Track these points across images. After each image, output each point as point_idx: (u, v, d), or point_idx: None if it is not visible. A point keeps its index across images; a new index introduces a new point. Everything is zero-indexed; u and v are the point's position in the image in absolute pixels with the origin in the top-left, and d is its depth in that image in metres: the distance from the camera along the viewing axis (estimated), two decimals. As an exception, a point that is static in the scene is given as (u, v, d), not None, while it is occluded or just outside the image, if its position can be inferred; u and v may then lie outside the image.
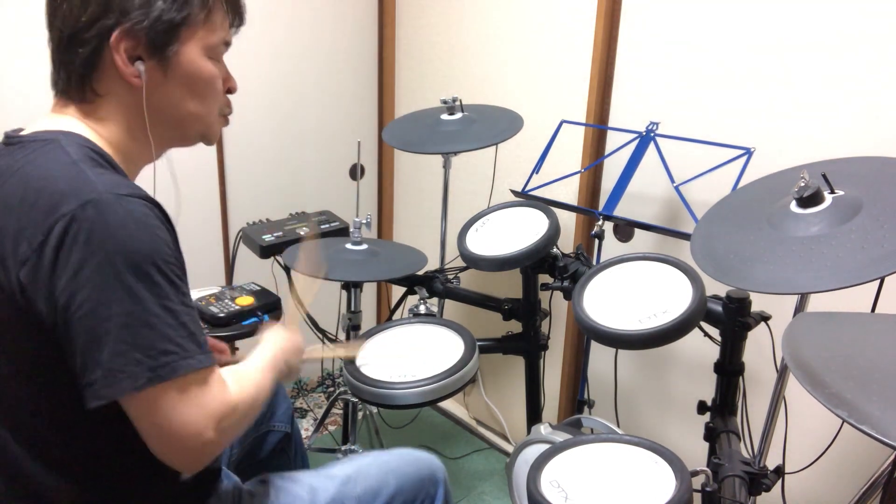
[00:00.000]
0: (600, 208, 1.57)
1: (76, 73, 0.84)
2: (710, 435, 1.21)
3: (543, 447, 1.06)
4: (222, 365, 0.93)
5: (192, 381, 0.79)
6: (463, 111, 1.75)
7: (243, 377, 0.91)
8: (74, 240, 0.73)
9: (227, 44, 0.95)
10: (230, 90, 0.98)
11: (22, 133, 0.87)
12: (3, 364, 0.82)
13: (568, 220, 1.91)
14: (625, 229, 1.54)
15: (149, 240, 0.77)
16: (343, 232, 1.87)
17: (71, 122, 0.86)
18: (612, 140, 1.78)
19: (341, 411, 2.04)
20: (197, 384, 0.80)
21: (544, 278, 1.54)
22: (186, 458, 0.81)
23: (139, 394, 0.75)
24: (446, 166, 1.85)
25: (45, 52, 0.88)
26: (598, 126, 1.78)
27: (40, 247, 0.74)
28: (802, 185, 0.99)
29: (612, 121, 1.78)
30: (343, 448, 1.83)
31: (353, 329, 1.75)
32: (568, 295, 1.35)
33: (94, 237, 0.73)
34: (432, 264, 1.75)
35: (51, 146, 0.82)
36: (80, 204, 0.74)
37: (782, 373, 1.23)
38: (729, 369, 1.21)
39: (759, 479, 1.07)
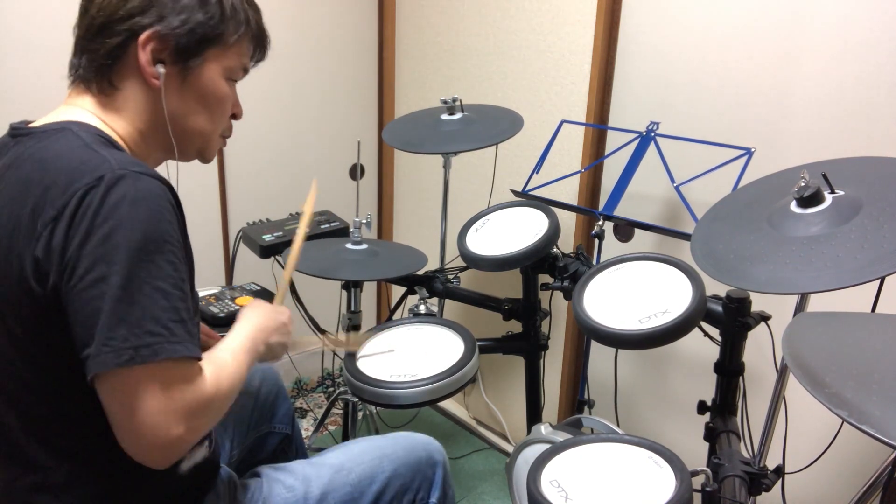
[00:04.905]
0: (600, 208, 1.57)
1: (98, 62, 0.86)
2: (710, 435, 1.21)
3: (543, 447, 1.06)
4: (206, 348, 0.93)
5: (172, 370, 0.77)
6: (463, 111, 1.75)
7: (221, 368, 0.87)
8: (85, 211, 0.74)
9: (246, 71, 0.98)
10: (235, 116, 1.02)
11: (31, 125, 0.88)
12: (10, 348, 0.82)
13: (568, 220, 1.91)
14: (625, 229, 1.54)
15: (156, 219, 0.77)
16: (343, 232, 1.87)
17: (84, 113, 0.87)
18: (612, 140, 1.78)
19: (341, 411, 2.04)
20: (177, 374, 0.78)
21: (544, 278, 1.54)
22: (152, 451, 0.78)
23: (117, 372, 0.74)
24: (446, 166, 1.85)
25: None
26: (598, 126, 1.78)
27: (54, 221, 0.75)
28: (802, 185, 0.99)
29: (612, 121, 1.78)
30: (343, 448, 1.83)
31: (353, 329, 1.75)
32: (568, 295, 1.35)
33: (103, 209, 0.74)
34: (432, 264, 1.75)
35: (62, 134, 0.83)
36: (96, 178, 0.76)
37: (782, 373, 1.23)
38: (729, 369, 1.21)
39: (759, 479, 1.07)
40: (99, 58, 0.86)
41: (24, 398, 0.84)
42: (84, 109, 0.88)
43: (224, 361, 0.89)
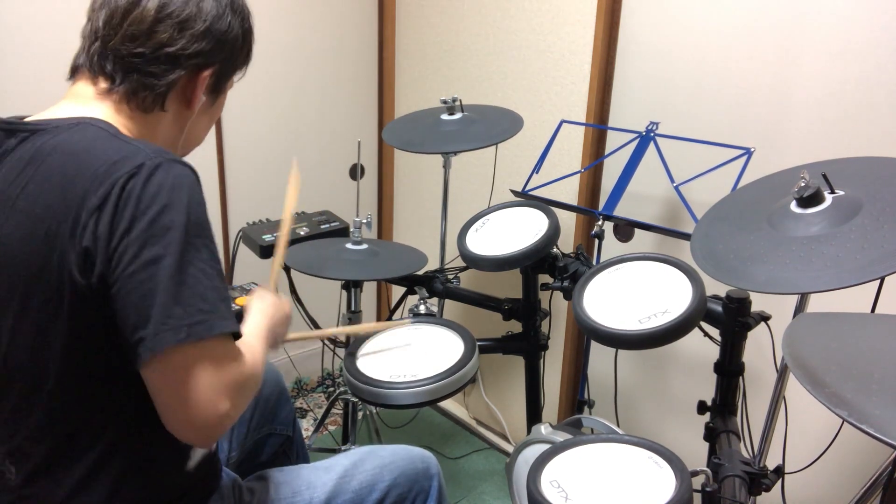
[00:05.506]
0: (600, 208, 1.57)
1: (157, 88, 0.88)
2: (710, 435, 1.21)
3: (543, 447, 1.06)
4: None
5: (221, 347, 0.81)
6: (463, 111, 1.75)
7: (251, 348, 0.92)
8: (128, 199, 0.76)
9: None
10: None
11: (35, 119, 0.87)
12: (42, 346, 0.82)
13: (568, 220, 1.91)
14: (625, 229, 1.54)
15: (194, 203, 0.80)
16: (343, 232, 1.87)
17: (95, 111, 0.87)
18: (612, 140, 1.78)
19: (341, 411, 2.04)
20: (225, 351, 0.82)
21: (544, 278, 1.54)
22: (200, 428, 0.81)
23: (172, 351, 0.76)
24: (446, 166, 1.85)
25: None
26: (598, 126, 1.78)
27: (98, 209, 0.76)
28: (802, 185, 0.99)
29: (612, 121, 1.78)
30: (343, 448, 1.83)
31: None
32: (568, 295, 1.35)
33: (145, 195, 0.76)
34: (432, 264, 1.75)
35: (82, 127, 0.84)
36: (135, 166, 0.77)
37: (782, 373, 1.23)
38: (729, 369, 1.21)
39: (759, 479, 1.07)
40: (160, 84, 0.87)
41: (53, 398, 0.84)
42: (98, 109, 0.87)
43: (251, 344, 0.94)
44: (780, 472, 1.11)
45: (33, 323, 0.82)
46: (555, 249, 1.49)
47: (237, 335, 0.83)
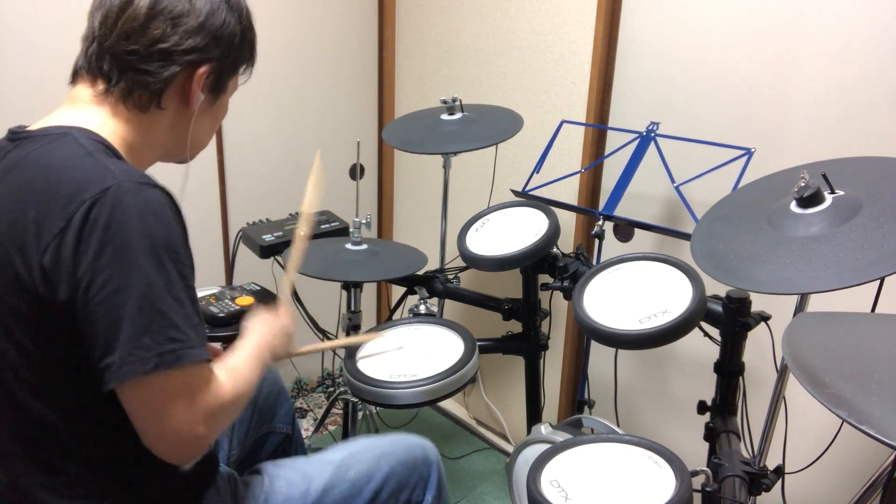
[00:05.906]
0: (600, 208, 1.57)
1: (153, 86, 0.87)
2: (710, 435, 1.21)
3: (543, 447, 1.06)
4: None
5: (192, 374, 0.81)
6: (463, 111, 1.75)
7: (234, 372, 0.91)
8: (94, 224, 0.75)
9: None
10: None
11: (31, 128, 0.87)
12: (13, 352, 0.83)
13: (568, 220, 1.91)
14: (625, 229, 1.54)
15: (164, 228, 0.79)
16: (343, 232, 1.87)
17: (91, 118, 0.87)
18: (612, 140, 1.78)
19: (341, 411, 2.04)
20: (198, 378, 0.82)
21: (544, 278, 1.54)
22: (176, 450, 0.83)
23: (143, 380, 0.77)
24: (446, 166, 1.85)
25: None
26: (598, 126, 1.78)
27: (62, 232, 0.76)
28: (802, 185, 0.99)
29: (612, 121, 1.78)
30: (343, 448, 1.83)
31: (353, 329, 1.75)
32: (568, 295, 1.35)
33: (113, 222, 0.76)
34: (432, 264, 1.75)
35: (64, 139, 0.83)
36: (101, 190, 0.76)
37: (782, 373, 1.23)
38: (729, 369, 1.21)
39: (759, 479, 1.07)
40: (155, 81, 0.87)
41: (28, 402, 0.84)
42: (93, 114, 0.87)
43: (236, 367, 0.93)
44: (780, 472, 1.11)
45: (6, 333, 0.82)
46: (555, 249, 1.50)
47: (209, 360, 0.83)
